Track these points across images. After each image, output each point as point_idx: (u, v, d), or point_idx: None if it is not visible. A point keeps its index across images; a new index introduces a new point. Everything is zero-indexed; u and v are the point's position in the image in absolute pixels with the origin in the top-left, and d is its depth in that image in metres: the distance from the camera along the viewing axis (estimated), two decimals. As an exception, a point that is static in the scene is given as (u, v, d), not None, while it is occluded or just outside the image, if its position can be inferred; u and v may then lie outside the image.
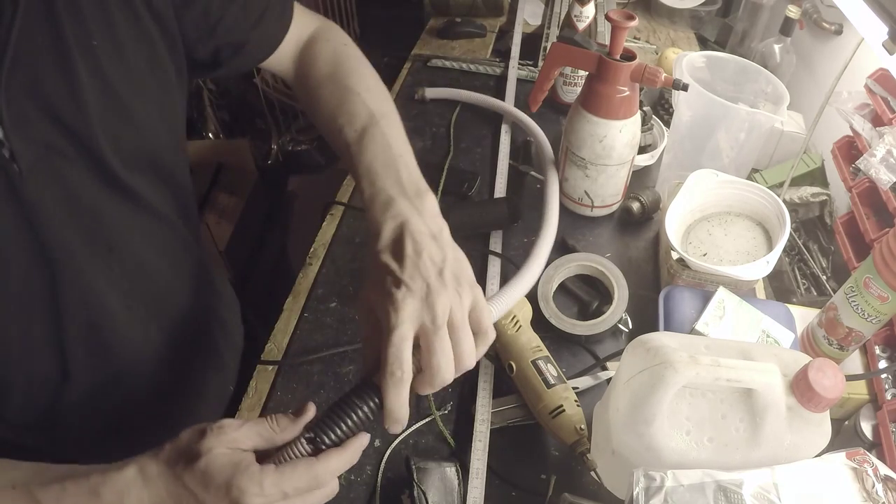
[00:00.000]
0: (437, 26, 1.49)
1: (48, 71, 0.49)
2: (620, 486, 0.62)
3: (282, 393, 0.76)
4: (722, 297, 0.76)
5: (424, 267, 0.48)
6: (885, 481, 0.48)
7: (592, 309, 0.84)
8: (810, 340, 0.79)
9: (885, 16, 0.73)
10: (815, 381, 0.51)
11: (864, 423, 0.72)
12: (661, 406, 0.52)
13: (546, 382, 0.68)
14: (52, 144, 0.49)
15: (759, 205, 0.85)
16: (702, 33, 1.49)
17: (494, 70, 1.32)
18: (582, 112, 0.88)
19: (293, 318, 0.85)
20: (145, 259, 0.62)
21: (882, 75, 0.86)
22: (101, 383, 0.60)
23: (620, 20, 0.79)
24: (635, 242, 0.96)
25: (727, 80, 0.97)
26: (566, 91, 1.18)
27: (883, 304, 0.67)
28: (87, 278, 0.55)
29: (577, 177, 0.93)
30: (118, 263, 0.58)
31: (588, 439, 0.65)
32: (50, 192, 0.50)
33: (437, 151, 1.11)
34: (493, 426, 0.71)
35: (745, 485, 0.48)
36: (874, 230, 0.81)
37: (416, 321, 0.46)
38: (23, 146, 0.47)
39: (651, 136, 1.07)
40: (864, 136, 0.86)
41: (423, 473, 0.64)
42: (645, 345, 0.57)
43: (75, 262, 0.53)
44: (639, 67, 0.82)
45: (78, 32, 0.50)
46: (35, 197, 0.48)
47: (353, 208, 1.00)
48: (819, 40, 1.16)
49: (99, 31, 0.52)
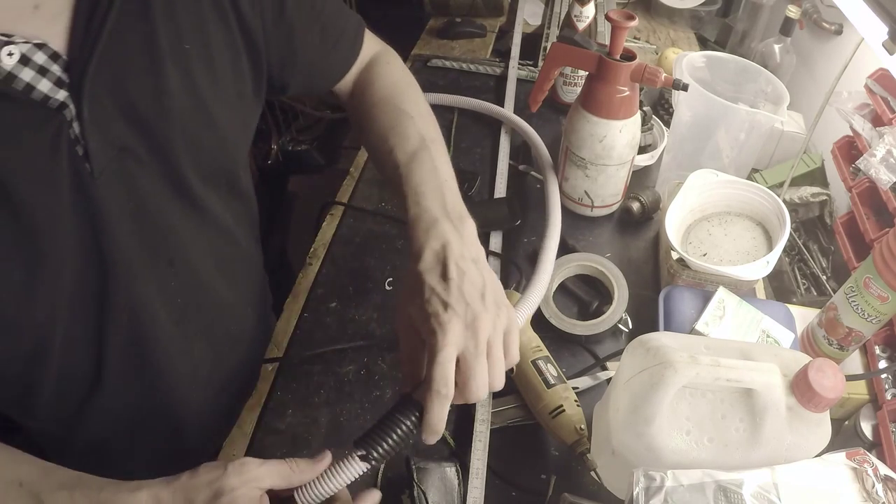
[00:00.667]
0: (437, 26, 1.49)
1: (136, 71, 0.48)
2: (620, 486, 0.62)
3: (282, 393, 0.76)
4: (722, 297, 0.76)
5: (468, 291, 0.49)
6: (885, 481, 0.48)
7: (592, 309, 0.84)
8: (810, 340, 0.79)
9: (885, 16, 0.73)
10: (815, 381, 0.51)
11: (864, 423, 0.72)
12: (661, 406, 0.52)
13: (546, 382, 0.68)
14: (128, 147, 0.48)
15: (759, 205, 0.85)
16: (702, 33, 1.49)
17: (494, 70, 1.32)
18: (582, 112, 0.88)
19: (293, 318, 0.85)
20: (204, 276, 0.60)
21: (882, 75, 0.86)
22: (133, 392, 0.59)
23: (620, 20, 0.79)
24: (635, 242, 0.96)
25: (727, 80, 0.97)
26: (566, 91, 1.18)
27: (883, 304, 0.67)
28: (139, 287, 0.54)
29: (577, 177, 0.93)
30: (175, 277, 0.57)
31: (588, 439, 0.64)
32: (118, 195, 0.49)
33: (437, 151, 1.11)
34: (493, 426, 0.71)
35: (745, 485, 0.48)
36: (874, 230, 0.81)
37: (460, 344, 0.48)
38: (98, 146, 0.46)
39: (651, 136, 1.07)
40: (864, 136, 0.86)
41: (423, 473, 0.64)
42: (645, 345, 0.57)
43: (131, 269, 0.52)
44: (639, 67, 0.82)
45: (170, 33, 0.50)
46: (102, 198, 0.48)
47: (353, 208, 1.00)
48: (819, 40, 1.16)
49: (191, 33, 0.51)
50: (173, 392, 0.62)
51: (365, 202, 1.02)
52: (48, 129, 0.43)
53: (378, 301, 0.86)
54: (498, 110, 1.14)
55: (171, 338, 0.59)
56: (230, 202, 0.64)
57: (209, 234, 0.61)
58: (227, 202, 0.63)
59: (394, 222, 0.98)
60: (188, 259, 0.58)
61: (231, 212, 0.65)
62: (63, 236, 0.47)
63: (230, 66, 0.57)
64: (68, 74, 0.43)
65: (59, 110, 0.43)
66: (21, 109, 0.42)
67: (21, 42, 0.41)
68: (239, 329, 0.69)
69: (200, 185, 0.57)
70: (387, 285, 0.88)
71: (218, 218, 0.61)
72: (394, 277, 0.89)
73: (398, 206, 0.60)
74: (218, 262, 0.63)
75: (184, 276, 0.58)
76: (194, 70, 0.52)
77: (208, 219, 0.60)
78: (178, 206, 0.55)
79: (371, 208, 1.00)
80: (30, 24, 0.42)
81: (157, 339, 0.57)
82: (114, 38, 0.45)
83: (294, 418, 0.74)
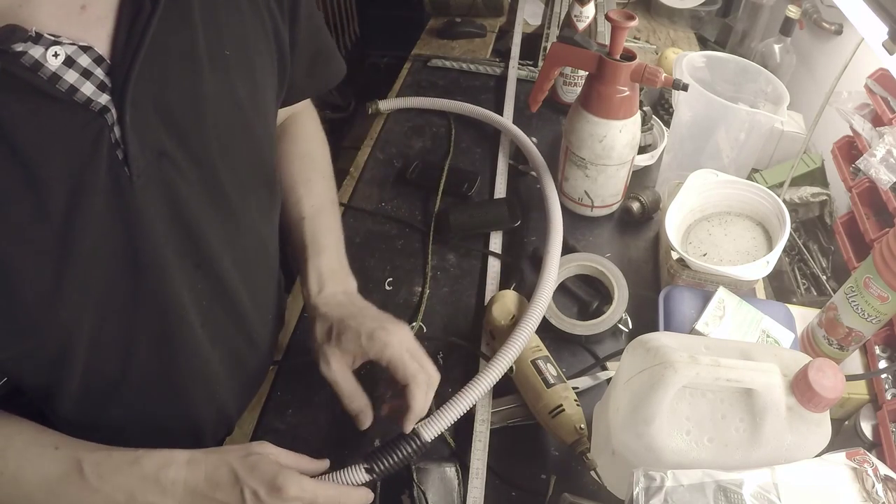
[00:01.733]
0: (437, 26, 1.49)
1: (176, 76, 0.48)
2: (620, 486, 0.62)
3: (282, 393, 0.76)
4: (722, 297, 0.76)
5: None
6: (885, 481, 0.48)
7: (592, 309, 0.84)
8: (810, 340, 0.79)
9: (885, 16, 0.73)
10: (815, 381, 0.51)
11: (864, 423, 0.72)
12: (661, 406, 0.52)
13: (546, 382, 0.68)
14: (166, 152, 0.49)
15: (759, 205, 0.85)
16: (702, 33, 1.49)
17: (494, 70, 1.32)
18: (582, 112, 0.88)
19: (293, 318, 0.85)
20: (230, 282, 0.61)
21: (882, 75, 0.86)
22: (155, 391, 0.60)
23: (620, 20, 0.79)
24: (635, 242, 0.96)
25: (727, 80, 0.97)
26: (566, 91, 1.18)
27: (883, 304, 0.67)
28: (170, 290, 0.54)
29: (577, 177, 0.93)
30: (203, 280, 0.57)
31: (588, 439, 0.64)
32: (155, 200, 0.49)
33: (437, 151, 1.11)
34: (493, 426, 0.71)
35: (745, 485, 0.48)
36: (874, 230, 0.81)
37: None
38: (137, 151, 0.46)
39: (651, 136, 1.07)
40: (864, 136, 0.86)
41: (423, 474, 0.64)
42: (645, 345, 0.57)
43: (164, 273, 0.52)
44: (639, 67, 0.82)
45: (211, 38, 0.50)
46: (139, 203, 0.48)
47: (353, 208, 1.00)
48: (819, 40, 1.16)
49: (232, 39, 0.52)
50: (197, 391, 0.63)
51: (365, 202, 1.02)
52: (89, 132, 0.43)
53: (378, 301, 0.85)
54: (491, 115, 1.14)
55: (198, 339, 0.59)
56: (265, 209, 0.65)
57: (243, 241, 0.61)
58: (262, 209, 0.64)
59: (394, 222, 0.98)
60: (217, 264, 0.58)
61: (267, 219, 0.66)
62: (96, 238, 0.47)
63: (268, 73, 0.57)
64: (111, 78, 0.44)
65: (100, 114, 0.44)
66: (64, 110, 0.42)
67: (67, 43, 0.42)
68: (258, 335, 0.70)
69: (237, 191, 0.57)
70: (387, 285, 0.88)
71: (251, 226, 0.62)
72: (394, 277, 0.89)
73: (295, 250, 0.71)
74: (245, 269, 0.63)
75: (212, 280, 0.58)
76: (234, 76, 0.53)
77: (242, 226, 0.60)
78: (211, 212, 0.55)
79: (371, 208, 1.00)
80: (76, 25, 0.42)
81: (184, 341, 0.58)
82: (156, 43, 0.45)
83: (294, 418, 0.74)
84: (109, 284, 0.49)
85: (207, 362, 0.62)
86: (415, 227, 0.97)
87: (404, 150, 1.12)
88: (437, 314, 0.85)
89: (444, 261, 0.92)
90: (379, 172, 1.08)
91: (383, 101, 1.20)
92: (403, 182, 1.04)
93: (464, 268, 0.91)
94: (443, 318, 0.84)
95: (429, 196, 1.02)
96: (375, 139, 1.15)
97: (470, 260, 0.92)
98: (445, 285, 0.89)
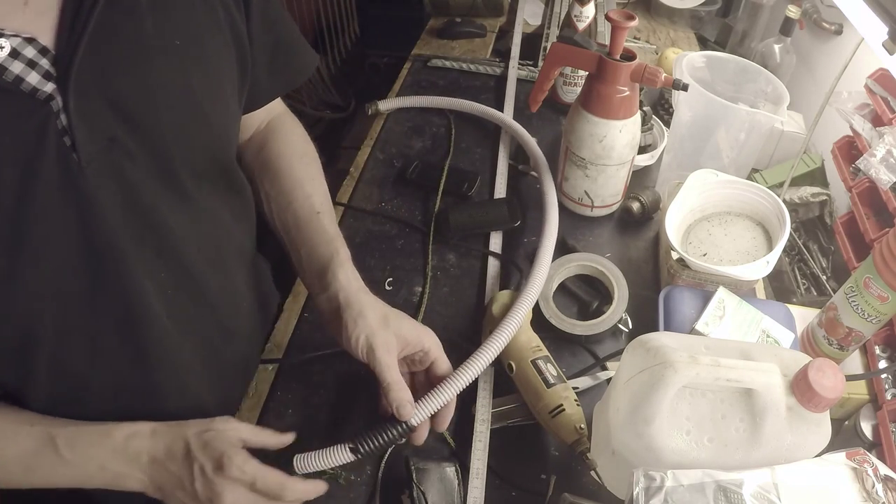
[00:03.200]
0: (437, 26, 1.49)
1: (123, 65, 0.49)
2: (620, 486, 0.62)
3: (282, 393, 0.76)
4: (722, 297, 0.76)
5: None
6: (885, 481, 0.48)
7: (592, 309, 0.84)
8: (810, 340, 0.79)
9: (885, 16, 0.73)
10: (815, 381, 0.51)
11: (864, 423, 0.72)
12: (661, 406, 0.52)
13: (546, 382, 0.68)
14: (117, 139, 0.49)
15: (759, 205, 0.85)
16: (702, 33, 1.49)
17: (494, 70, 1.32)
18: (582, 112, 0.88)
19: (293, 318, 0.85)
20: (194, 269, 0.61)
21: (882, 75, 0.87)
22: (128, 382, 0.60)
23: (620, 20, 0.79)
24: (635, 242, 0.96)
25: (727, 80, 0.97)
26: (566, 91, 1.18)
27: (883, 304, 0.67)
28: (132, 278, 0.54)
29: (577, 177, 0.93)
30: (165, 269, 0.58)
31: (588, 439, 0.64)
32: (107, 186, 0.50)
33: (437, 151, 1.11)
34: (493, 426, 0.71)
35: (745, 485, 0.48)
36: (874, 230, 0.81)
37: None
38: (85, 137, 0.47)
39: (651, 136, 1.07)
40: (864, 136, 0.86)
41: (423, 474, 0.64)
42: (645, 345, 0.57)
43: (123, 260, 0.53)
44: (639, 67, 0.82)
45: (160, 28, 0.51)
46: (91, 189, 0.48)
47: (353, 208, 1.00)
48: (819, 40, 1.16)
49: (183, 31, 0.53)
50: (169, 382, 0.63)
51: (365, 202, 1.02)
52: (35, 120, 0.45)
53: (378, 301, 0.86)
54: (491, 112, 1.14)
55: (165, 329, 0.59)
56: (226, 197, 0.65)
57: (202, 227, 0.62)
58: (221, 197, 0.64)
59: (394, 222, 0.98)
60: (178, 251, 0.59)
61: (227, 207, 0.66)
62: (49, 224, 0.47)
63: (225, 65, 0.58)
64: (55, 68, 0.45)
65: (46, 102, 0.45)
66: (10, 100, 0.44)
67: (11, 36, 0.43)
68: (232, 322, 0.70)
69: (192, 179, 0.58)
70: (387, 285, 0.88)
71: (211, 212, 0.63)
72: (394, 277, 0.89)
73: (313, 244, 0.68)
74: (209, 256, 0.63)
75: (174, 268, 0.59)
76: (186, 65, 0.54)
77: (201, 213, 0.61)
78: (168, 198, 0.56)
79: (371, 208, 1.00)
80: (20, 18, 0.44)
81: (151, 330, 0.58)
82: (99, 32, 0.46)
83: (294, 418, 0.74)
84: (67, 272, 0.50)
85: (177, 352, 0.62)
86: (415, 227, 0.97)
87: (404, 150, 1.12)
88: (437, 314, 0.85)
89: (444, 261, 0.92)
90: (379, 172, 1.08)
91: (383, 102, 1.20)
92: (403, 182, 1.04)
93: (464, 268, 0.91)
94: (443, 318, 0.84)
95: (429, 196, 1.02)
96: (375, 139, 1.15)
97: (470, 260, 0.92)
98: (445, 285, 0.89)
